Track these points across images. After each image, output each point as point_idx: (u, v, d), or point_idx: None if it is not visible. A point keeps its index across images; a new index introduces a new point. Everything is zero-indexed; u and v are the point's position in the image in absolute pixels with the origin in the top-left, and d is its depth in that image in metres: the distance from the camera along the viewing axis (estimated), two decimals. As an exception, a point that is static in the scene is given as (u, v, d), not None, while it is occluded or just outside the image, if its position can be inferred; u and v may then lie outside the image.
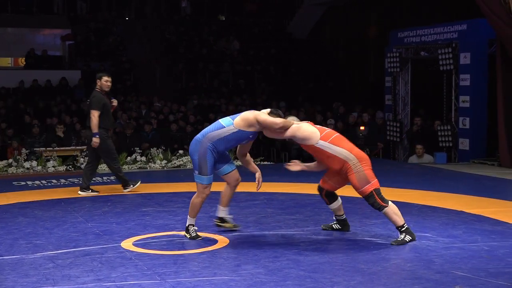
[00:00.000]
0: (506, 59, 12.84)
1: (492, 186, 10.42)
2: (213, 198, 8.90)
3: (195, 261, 5.70)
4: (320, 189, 6.79)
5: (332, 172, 6.58)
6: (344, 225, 6.88)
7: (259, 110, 6.63)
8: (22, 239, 6.63)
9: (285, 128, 6.35)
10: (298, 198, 8.98)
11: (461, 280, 5.08)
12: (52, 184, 10.86)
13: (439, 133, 14.56)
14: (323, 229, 6.92)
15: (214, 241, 6.44)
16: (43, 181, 11.12)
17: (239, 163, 7.38)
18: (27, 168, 12.66)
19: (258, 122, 6.29)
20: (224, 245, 6.29)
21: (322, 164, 6.61)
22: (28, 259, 5.81)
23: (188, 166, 13.16)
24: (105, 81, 9.65)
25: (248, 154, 6.73)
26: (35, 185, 10.77)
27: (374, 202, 6.29)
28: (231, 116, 6.51)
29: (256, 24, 25.36)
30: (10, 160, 12.92)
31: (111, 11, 24.95)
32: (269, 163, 13.64)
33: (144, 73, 21.97)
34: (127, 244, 6.36)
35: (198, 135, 6.47)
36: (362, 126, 15.71)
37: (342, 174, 6.43)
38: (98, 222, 7.46)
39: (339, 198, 6.83)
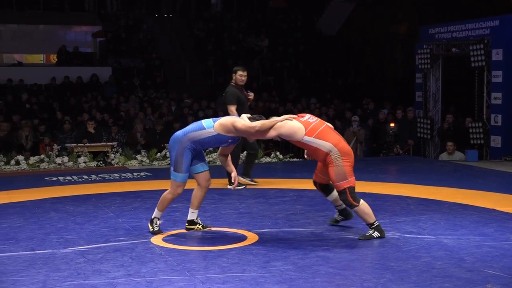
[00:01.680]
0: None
1: (525, 184, 10.29)
2: (241, 195, 8.93)
3: (225, 257, 5.71)
4: (314, 183, 6.80)
5: (321, 165, 6.58)
6: (346, 214, 6.87)
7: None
8: (54, 234, 6.71)
9: (263, 129, 6.29)
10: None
11: (492, 278, 5.02)
12: (83, 179, 10.96)
13: (471, 130, 14.42)
14: (330, 225, 6.91)
15: (244, 238, 6.45)
16: (74, 177, 11.22)
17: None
18: (59, 164, 12.81)
19: (235, 128, 6.29)
20: (254, 241, 6.29)
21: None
22: (59, 254, 5.88)
23: (217, 163, 13.20)
24: (239, 75, 9.61)
25: (228, 155, 6.72)
26: (67, 180, 10.88)
27: (345, 199, 6.29)
28: (213, 118, 6.53)
29: (285, 20, 25.32)
30: (42, 156, 13.09)
31: (141, 8, 25.10)
32: (298, 160, 13.61)
33: (174, 69, 22.07)
34: (157, 239, 6.40)
35: (179, 133, 6.50)
36: (392, 123, 15.61)
37: (326, 166, 6.43)
38: (128, 218, 7.52)
39: (335, 189, 6.70)
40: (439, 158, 14.30)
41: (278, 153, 13.70)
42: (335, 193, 6.68)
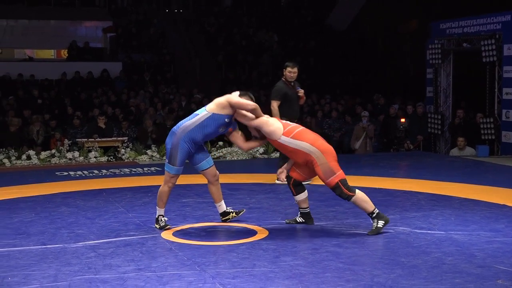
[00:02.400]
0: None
1: (536, 179, 10.24)
2: (251, 190, 8.93)
3: (235, 252, 5.72)
4: (288, 178, 6.71)
5: (299, 163, 6.55)
6: (308, 218, 6.82)
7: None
8: (65, 229, 6.74)
9: (256, 112, 6.38)
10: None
11: (503, 274, 5.01)
12: (94, 174, 11.00)
13: (482, 126, 14.36)
14: (287, 223, 6.85)
15: (254, 233, 6.46)
16: (85, 172, 11.27)
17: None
18: (70, 159, 12.86)
19: (230, 103, 6.35)
20: (264, 236, 6.30)
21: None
22: (70, 248, 5.90)
23: (227, 158, 13.23)
24: (288, 72, 9.50)
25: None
26: (77, 175, 10.92)
27: (341, 193, 6.29)
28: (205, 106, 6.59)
29: (296, 16, 25.28)
30: (53, 151, 13.15)
31: (152, 3, 25.12)
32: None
33: (184, 65, 22.08)
34: (167, 234, 6.42)
35: (174, 127, 6.52)
36: (402, 118, 15.57)
37: (309, 167, 6.42)
38: (138, 213, 7.54)
39: (306, 190, 6.75)
40: (449, 154, 14.25)
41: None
42: (303, 195, 6.70)
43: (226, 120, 6.43)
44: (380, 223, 6.33)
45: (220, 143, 13.74)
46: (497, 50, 13.98)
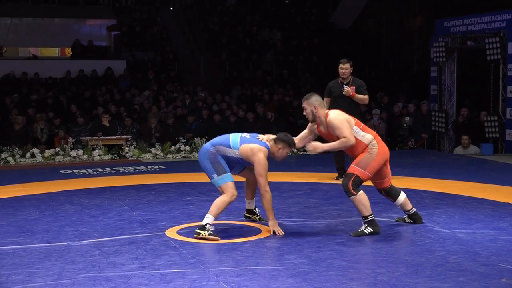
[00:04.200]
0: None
1: (540, 178, 10.22)
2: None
3: (239, 250, 5.73)
4: (379, 191, 6.70)
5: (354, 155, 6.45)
6: (416, 218, 6.71)
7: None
8: (69, 227, 6.75)
9: (279, 157, 6.38)
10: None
11: (507, 273, 5.00)
12: (98, 172, 11.01)
13: (486, 124, 14.34)
14: (396, 221, 6.81)
15: (258, 231, 6.46)
16: (89, 170, 11.28)
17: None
18: (74, 157, 12.88)
19: (253, 162, 6.25)
20: (267, 234, 6.30)
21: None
22: (74, 246, 5.92)
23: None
24: (340, 68, 9.46)
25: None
26: (81, 173, 10.94)
27: (346, 183, 6.20)
28: (242, 136, 6.36)
29: (299, 14, 25.26)
30: (57, 149, 13.17)
31: (156, 2, 25.12)
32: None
33: (188, 63, 22.09)
34: (172, 232, 6.42)
35: (207, 145, 6.41)
36: (407, 116, 15.56)
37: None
38: (142, 211, 7.55)
39: (402, 192, 6.67)
40: (453, 152, 14.23)
41: None
42: (401, 197, 6.63)
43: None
44: (368, 230, 6.23)
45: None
46: (501, 48, 13.96)
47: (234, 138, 6.37)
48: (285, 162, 6.80)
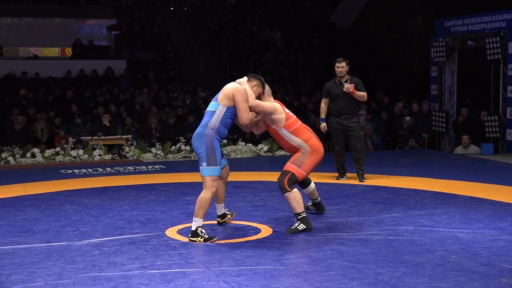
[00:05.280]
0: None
1: (540, 178, 10.22)
2: (255, 188, 8.93)
3: (239, 250, 5.73)
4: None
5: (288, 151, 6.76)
6: (319, 207, 7.16)
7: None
8: (69, 226, 6.75)
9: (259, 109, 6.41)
10: (342, 188, 8.95)
11: (507, 272, 5.00)
12: (98, 172, 11.01)
13: (486, 124, 14.34)
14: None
15: (258, 231, 6.46)
16: (90, 170, 11.29)
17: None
18: (74, 157, 12.88)
19: (236, 102, 6.22)
20: (268, 234, 6.30)
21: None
22: (75, 246, 5.92)
23: (232, 156, 13.22)
24: (336, 67, 9.54)
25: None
26: (82, 173, 10.94)
27: (282, 180, 6.37)
28: (212, 100, 6.39)
29: (300, 13, 25.26)
30: (58, 149, 13.17)
31: (156, 2, 25.13)
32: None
33: (188, 63, 22.09)
34: (172, 232, 6.43)
35: (199, 129, 6.22)
36: (407, 116, 15.56)
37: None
38: (143, 211, 7.55)
39: (312, 182, 6.98)
40: (454, 152, 14.23)
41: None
42: (311, 186, 6.95)
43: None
44: (301, 227, 6.36)
45: (224, 141, 13.75)
46: (501, 48, 13.96)
47: (210, 106, 6.32)
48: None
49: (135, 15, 23.49)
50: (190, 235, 6.07)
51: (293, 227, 6.39)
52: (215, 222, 6.78)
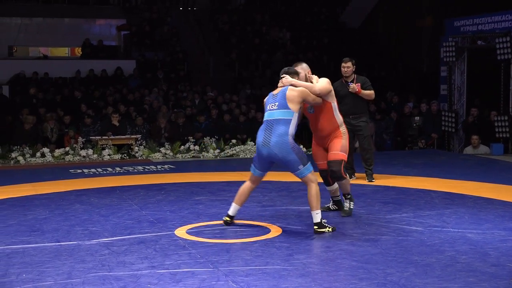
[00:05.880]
0: None
1: (551, 178, 10.17)
2: (264, 188, 8.93)
3: (248, 249, 5.73)
4: (322, 171, 7.06)
5: (320, 149, 6.97)
6: (340, 206, 7.31)
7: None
8: (79, 226, 6.77)
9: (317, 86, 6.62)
10: (351, 189, 8.90)
11: (517, 273, 4.99)
12: (108, 172, 11.04)
13: (496, 124, 14.29)
14: (322, 211, 7.07)
15: (267, 230, 6.46)
16: (99, 169, 11.32)
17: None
18: (83, 156, 12.92)
19: (312, 91, 6.51)
20: (277, 234, 6.30)
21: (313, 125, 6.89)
22: (84, 246, 5.93)
23: (241, 156, 13.23)
24: (342, 67, 9.58)
25: None
26: (91, 173, 10.97)
27: (339, 170, 6.71)
28: (271, 105, 6.44)
29: (309, 13, 25.24)
30: (67, 148, 13.21)
31: (166, 1, 25.16)
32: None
33: (197, 63, 22.10)
34: (181, 232, 6.43)
35: (278, 138, 6.24)
36: (416, 116, 15.52)
37: (326, 142, 6.83)
38: (152, 210, 7.56)
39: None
40: (463, 152, 14.19)
41: (301, 146, 13.70)
42: (335, 185, 7.13)
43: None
44: (352, 204, 7.10)
45: (234, 141, 13.76)
46: (511, 47, 13.89)
47: (277, 113, 6.37)
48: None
49: (145, 15, 23.51)
50: (316, 227, 6.31)
51: (347, 209, 7.08)
52: (222, 222, 6.77)
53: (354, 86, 9.34)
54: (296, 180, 9.22)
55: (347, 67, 9.47)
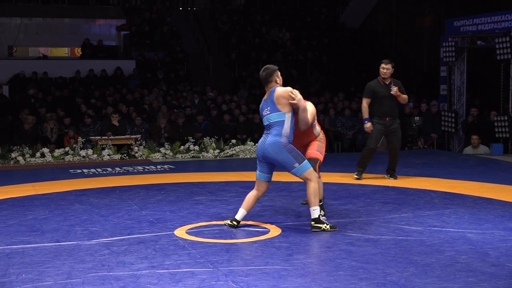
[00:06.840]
0: None
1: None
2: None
3: (248, 250, 5.73)
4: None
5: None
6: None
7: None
8: (78, 226, 6.77)
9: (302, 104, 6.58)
10: (351, 189, 8.93)
11: (517, 273, 4.99)
12: (107, 172, 11.04)
13: (496, 124, 14.30)
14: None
15: (267, 231, 6.46)
16: (99, 169, 11.31)
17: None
18: (83, 156, 12.92)
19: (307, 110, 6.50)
20: (277, 234, 6.30)
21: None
22: (84, 246, 5.93)
23: (240, 156, 13.23)
24: (381, 68, 9.60)
25: None
26: (91, 173, 10.97)
27: (314, 167, 6.61)
28: (265, 111, 6.46)
29: (309, 13, 25.25)
30: (67, 149, 13.20)
31: (165, 1, 25.16)
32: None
33: (197, 63, 22.11)
34: (180, 232, 6.43)
35: (276, 138, 6.31)
36: (416, 116, 15.52)
37: (305, 147, 6.89)
38: (152, 210, 7.56)
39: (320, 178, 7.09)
40: (463, 152, 14.19)
41: None
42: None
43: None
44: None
45: (233, 141, 13.76)
46: (511, 47, 13.89)
47: (273, 116, 6.39)
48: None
49: (144, 15, 23.52)
50: (313, 222, 6.34)
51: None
52: (222, 222, 6.77)
53: (396, 90, 9.43)
54: (296, 180, 9.24)
55: (387, 68, 9.53)
